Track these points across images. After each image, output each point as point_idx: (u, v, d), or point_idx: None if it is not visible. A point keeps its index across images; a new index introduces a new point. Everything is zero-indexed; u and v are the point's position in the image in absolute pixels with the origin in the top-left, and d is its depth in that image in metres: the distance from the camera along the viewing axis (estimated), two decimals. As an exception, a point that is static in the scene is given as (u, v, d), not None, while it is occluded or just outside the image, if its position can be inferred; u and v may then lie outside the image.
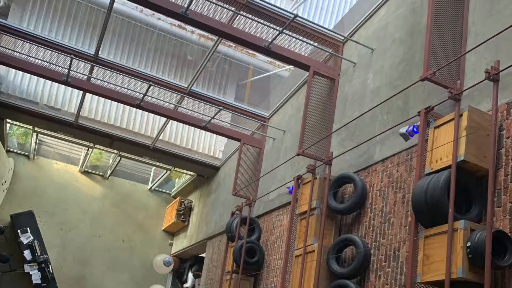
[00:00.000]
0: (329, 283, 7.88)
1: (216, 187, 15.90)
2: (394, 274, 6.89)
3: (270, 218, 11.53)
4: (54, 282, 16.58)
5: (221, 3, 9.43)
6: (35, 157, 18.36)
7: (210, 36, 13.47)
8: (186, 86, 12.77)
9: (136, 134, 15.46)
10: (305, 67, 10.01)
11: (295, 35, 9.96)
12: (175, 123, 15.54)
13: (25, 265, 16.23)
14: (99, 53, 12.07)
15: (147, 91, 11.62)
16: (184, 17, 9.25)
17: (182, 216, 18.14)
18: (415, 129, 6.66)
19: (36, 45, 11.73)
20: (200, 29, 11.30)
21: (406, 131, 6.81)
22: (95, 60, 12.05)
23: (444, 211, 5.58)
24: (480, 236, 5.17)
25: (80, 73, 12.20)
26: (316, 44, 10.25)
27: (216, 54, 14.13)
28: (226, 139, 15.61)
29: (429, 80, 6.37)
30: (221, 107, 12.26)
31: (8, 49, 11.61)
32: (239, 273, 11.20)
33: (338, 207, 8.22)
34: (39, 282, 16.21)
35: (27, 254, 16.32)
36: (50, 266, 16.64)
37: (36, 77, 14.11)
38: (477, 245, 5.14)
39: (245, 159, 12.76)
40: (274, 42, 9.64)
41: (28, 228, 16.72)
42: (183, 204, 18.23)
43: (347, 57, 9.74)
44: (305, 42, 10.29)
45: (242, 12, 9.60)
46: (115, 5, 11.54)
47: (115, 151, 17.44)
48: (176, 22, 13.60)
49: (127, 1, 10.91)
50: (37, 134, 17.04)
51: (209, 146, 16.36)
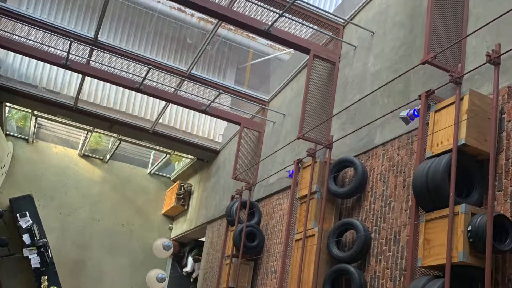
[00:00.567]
0: (329, 267, 7.90)
1: (216, 171, 15.89)
2: (395, 258, 6.90)
3: (270, 202, 11.53)
4: (53, 266, 16.53)
5: (221, -14, 9.40)
6: (34, 141, 18.30)
7: (210, 19, 13.35)
8: (186, 70, 12.72)
9: (136, 118, 15.42)
10: (305, 51, 9.95)
11: (295, 18, 9.91)
12: (175, 107, 15.49)
13: (24, 249, 16.18)
14: (99, 36, 12.01)
15: (147, 75, 11.59)
16: (184, 0, 9.19)
17: (182, 200, 18.12)
18: (416, 113, 6.66)
19: (35, 28, 11.66)
20: (200, 12, 11.20)
21: (407, 115, 6.80)
22: (95, 43, 12.01)
23: (445, 195, 5.58)
24: (481, 220, 5.17)
25: (80, 57, 12.15)
26: (316, 28, 10.21)
27: (216, 37, 14.04)
28: (226, 123, 15.57)
29: (430, 64, 6.36)
30: (221, 91, 12.22)
31: (7, 32, 11.54)
32: (239, 257, 11.22)
33: (339, 191, 8.22)
34: (38, 266, 16.16)
35: (26, 238, 16.27)
36: (49, 250, 16.59)
37: (35, 61, 14.05)
38: (478, 229, 5.14)
39: (245, 143, 12.73)
40: (274, 25, 9.57)
41: (27, 212, 16.64)
42: (183, 188, 18.19)
43: (348, 41, 9.70)
44: (305, 26, 10.25)
45: (242, -5, 9.56)
46: (114, -12, 11.49)
47: (115, 135, 17.39)
48: (176, 5, 13.49)
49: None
50: (36, 118, 16.96)
51: (209, 130, 16.32)
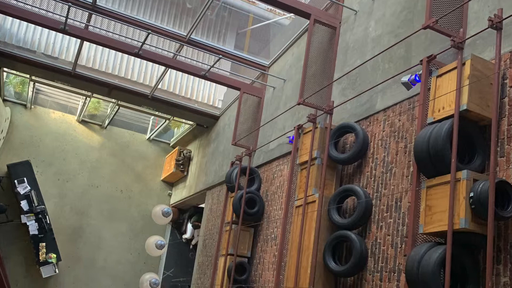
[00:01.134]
0: (330, 234, 7.91)
1: (216, 137, 15.86)
2: (396, 225, 6.91)
3: (270, 168, 11.52)
4: (51, 233, 16.60)
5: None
6: (32, 106, 18.21)
7: (210, -16, 13.25)
8: (185, 35, 12.60)
9: (135, 83, 15.34)
10: (306, 15, 9.85)
11: (296, -18, 9.80)
12: (174, 72, 15.41)
13: (22, 216, 16.23)
14: (97, 1, 11.86)
15: (146, 40, 11.48)
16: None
17: (181, 166, 18.11)
18: (417, 78, 6.61)
19: (33, -8, 11.55)
20: (199, -24, 11.11)
21: (408, 80, 6.76)
22: (93, 8, 11.85)
23: (447, 161, 5.55)
24: (483, 187, 5.14)
25: (78, 21, 12.02)
26: (318, -8, 10.11)
27: (216, 2, 13.92)
28: (226, 88, 15.51)
29: (432, 29, 6.29)
30: (221, 56, 12.13)
31: (5, -3, 11.42)
32: (239, 224, 11.24)
33: (339, 157, 8.19)
34: (36, 233, 16.23)
35: (24, 205, 16.29)
36: (47, 217, 16.64)
37: (33, 25, 13.93)
38: (480, 196, 5.12)
39: (245, 109, 12.68)
40: (275, -11, 9.49)
41: (25, 178, 16.62)
42: (182, 154, 18.18)
43: (348, 5, 9.59)
44: (306, -10, 10.15)
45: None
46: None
47: (113, 100, 17.31)
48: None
49: None
50: (34, 83, 16.84)
51: (209, 95, 16.25)
